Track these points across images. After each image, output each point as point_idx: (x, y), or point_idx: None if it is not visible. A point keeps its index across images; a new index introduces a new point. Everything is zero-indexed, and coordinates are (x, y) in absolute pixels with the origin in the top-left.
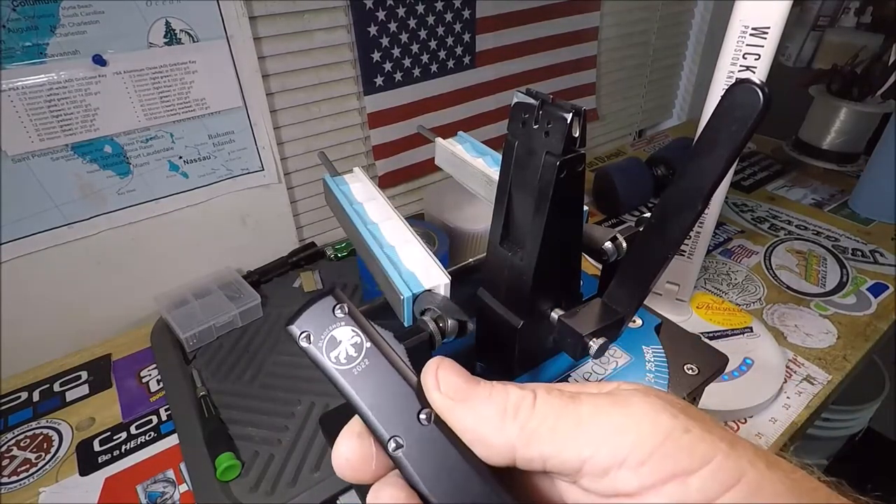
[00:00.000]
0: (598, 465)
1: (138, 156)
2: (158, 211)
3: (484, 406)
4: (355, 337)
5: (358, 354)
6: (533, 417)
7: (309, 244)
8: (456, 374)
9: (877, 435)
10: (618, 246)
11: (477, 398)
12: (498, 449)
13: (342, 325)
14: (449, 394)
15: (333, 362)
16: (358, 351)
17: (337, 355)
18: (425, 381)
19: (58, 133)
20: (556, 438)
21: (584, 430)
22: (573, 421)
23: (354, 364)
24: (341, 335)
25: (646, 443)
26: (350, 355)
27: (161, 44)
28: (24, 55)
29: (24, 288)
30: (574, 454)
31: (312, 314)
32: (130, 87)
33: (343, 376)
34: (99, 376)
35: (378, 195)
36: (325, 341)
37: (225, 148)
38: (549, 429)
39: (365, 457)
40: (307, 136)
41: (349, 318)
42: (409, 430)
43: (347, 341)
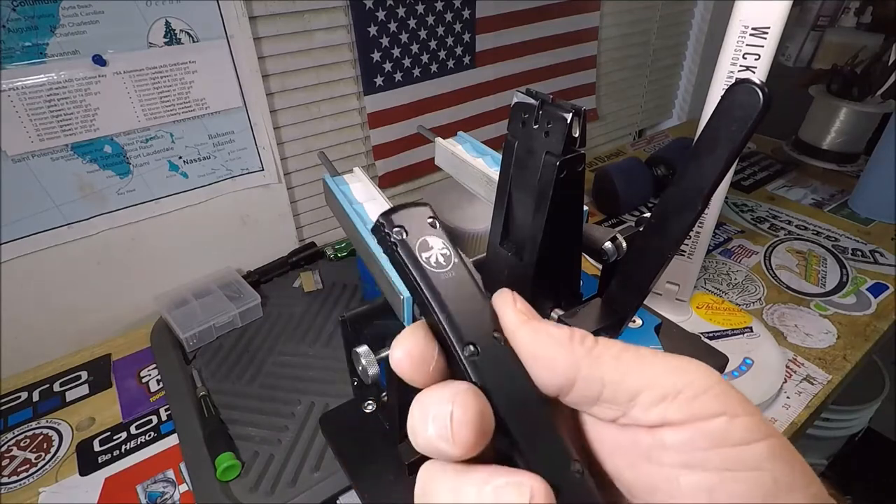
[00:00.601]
0: (654, 394)
1: (138, 156)
2: (158, 211)
3: (553, 329)
4: (445, 249)
5: (447, 264)
6: (598, 346)
7: (309, 244)
8: (526, 303)
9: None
10: (618, 246)
11: (547, 322)
12: (563, 368)
13: (436, 235)
14: (524, 311)
15: (424, 261)
16: (447, 261)
17: (428, 258)
18: (500, 300)
19: (58, 133)
20: (620, 366)
21: (646, 363)
22: (635, 355)
23: (443, 270)
24: (434, 242)
25: (700, 382)
26: (440, 262)
27: (161, 44)
28: (24, 55)
29: (24, 288)
30: (634, 381)
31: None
32: (130, 87)
33: (431, 276)
34: (99, 376)
35: (378, 195)
36: (418, 242)
37: (225, 148)
38: (613, 357)
39: (427, 357)
40: (307, 136)
41: (442, 231)
42: (485, 343)
43: (438, 249)
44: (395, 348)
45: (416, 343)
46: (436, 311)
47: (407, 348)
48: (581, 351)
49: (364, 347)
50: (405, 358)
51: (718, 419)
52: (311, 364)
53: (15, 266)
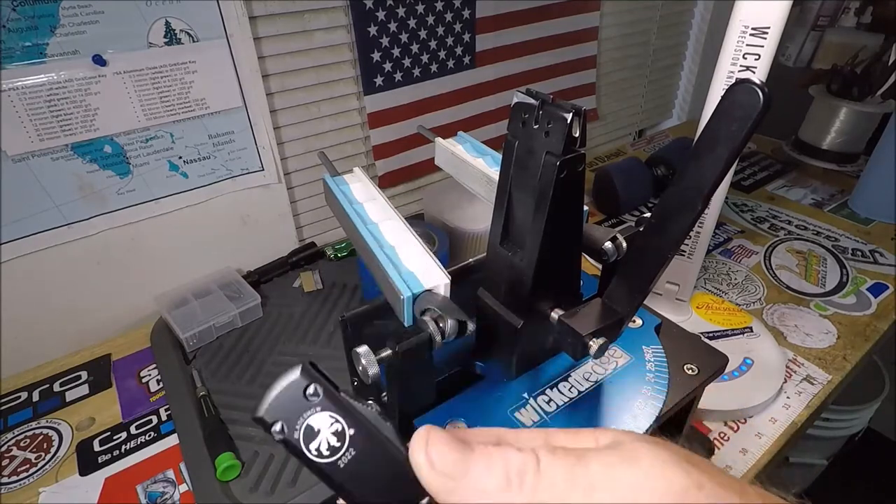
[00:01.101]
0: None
1: (138, 156)
2: (158, 211)
3: (485, 479)
4: (335, 423)
5: (341, 444)
6: (540, 486)
7: (309, 244)
8: (447, 446)
9: (877, 435)
10: (618, 246)
11: (475, 470)
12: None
13: (318, 410)
14: (445, 471)
15: (315, 455)
16: (341, 440)
17: (318, 447)
18: (415, 461)
19: (58, 133)
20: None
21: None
22: (585, 486)
23: (339, 456)
24: (319, 422)
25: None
26: (332, 446)
27: (161, 44)
28: (24, 55)
29: (24, 288)
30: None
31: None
32: (130, 87)
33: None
34: (99, 376)
35: (378, 195)
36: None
37: (225, 148)
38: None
39: None
40: (307, 136)
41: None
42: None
43: (327, 429)
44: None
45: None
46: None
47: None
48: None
49: (364, 347)
50: None
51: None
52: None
53: (15, 266)
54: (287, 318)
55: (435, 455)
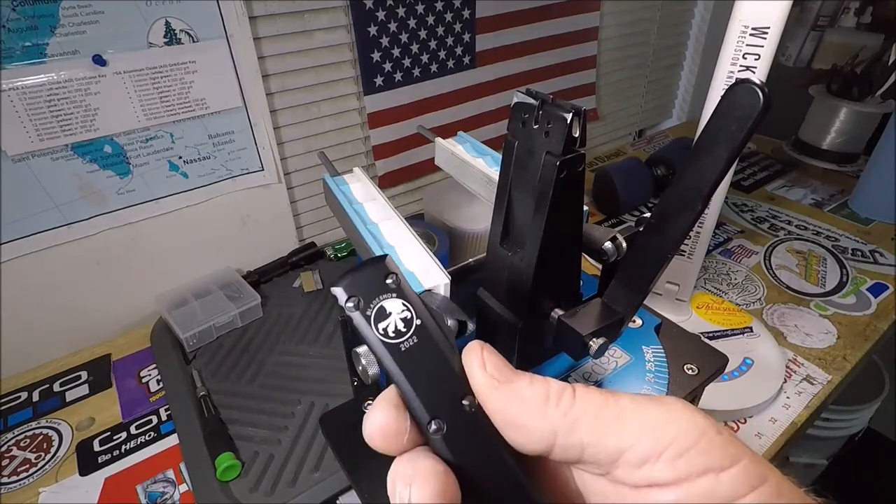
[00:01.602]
0: (636, 455)
1: (138, 156)
2: (158, 211)
3: (527, 390)
4: (405, 311)
5: (407, 330)
6: (575, 406)
7: (309, 244)
8: (498, 358)
9: (877, 435)
10: (618, 246)
11: (519, 382)
12: (539, 435)
13: (393, 296)
14: (494, 374)
15: (381, 334)
16: (407, 326)
17: (385, 327)
18: (468, 360)
19: (58, 133)
20: (598, 428)
21: (625, 422)
22: (614, 412)
23: (402, 339)
24: (392, 307)
25: (683, 438)
26: (399, 330)
27: (161, 44)
28: (24, 55)
29: (24, 288)
30: (614, 444)
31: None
32: (130, 87)
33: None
34: (99, 376)
35: (378, 195)
36: (374, 310)
37: (225, 148)
38: (591, 418)
39: (399, 429)
40: (307, 136)
41: (401, 290)
42: (451, 414)
43: (397, 314)
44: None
45: (387, 417)
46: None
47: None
48: (556, 415)
49: (364, 347)
50: (377, 433)
51: (705, 477)
52: (311, 364)
53: (15, 266)
54: (287, 318)
55: (488, 359)
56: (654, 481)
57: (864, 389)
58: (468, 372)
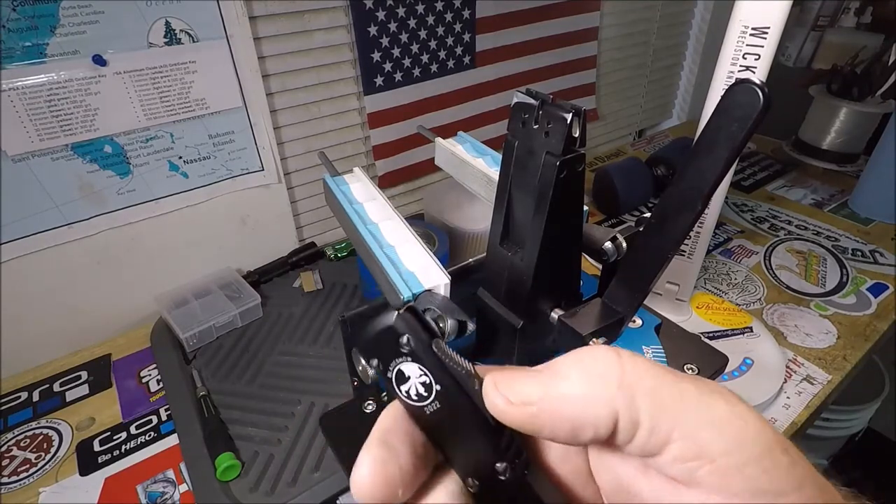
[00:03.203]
0: (690, 448)
1: (138, 156)
2: (158, 211)
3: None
4: (423, 376)
5: (428, 395)
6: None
7: (309, 244)
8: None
9: (877, 435)
10: (618, 246)
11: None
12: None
13: (409, 360)
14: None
15: (404, 396)
16: (428, 391)
17: (407, 391)
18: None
19: (58, 133)
20: (655, 405)
21: (687, 407)
22: (675, 392)
23: (426, 403)
24: (409, 370)
25: (748, 448)
26: (420, 394)
27: (161, 44)
28: (24, 55)
29: (24, 288)
30: (669, 426)
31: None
32: (130, 87)
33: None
34: (99, 376)
35: (378, 195)
36: (393, 373)
37: (225, 148)
38: (647, 391)
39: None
40: (307, 136)
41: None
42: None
43: (416, 379)
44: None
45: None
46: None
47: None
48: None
49: None
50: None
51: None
52: (311, 364)
53: (15, 266)
54: (287, 318)
55: (506, 391)
56: (697, 483)
57: (864, 389)
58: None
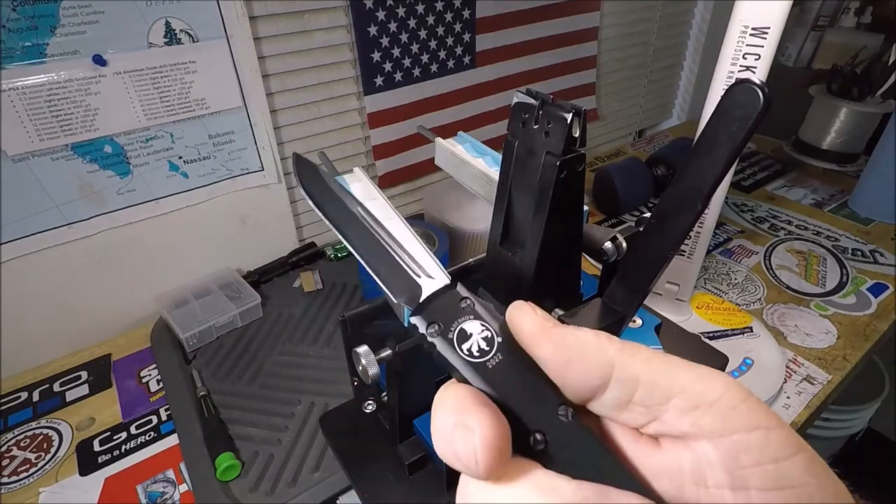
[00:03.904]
0: (688, 399)
1: (138, 156)
2: (158, 211)
3: (579, 331)
4: (485, 331)
5: (490, 348)
6: (626, 345)
7: (309, 244)
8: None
9: (877, 435)
10: (618, 246)
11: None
12: (599, 368)
13: (471, 318)
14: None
15: (465, 354)
16: (489, 345)
17: (469, 347)
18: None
19: (58, 133)
20: (652, 367)
21: (677, 368)
22: (665, 359)
23: (487, 358)
24: (471, 328)
25: (733, 393)
26: (482, 349)
27: (161, 44)
28: (24, 55)
29: (24, 288)
30: (667, 384)
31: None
32: (130, 87)
33: (476, 370)
34: (99, 376)
35: (378, 195)
36: (455, 333)
37: (225, 148)
38: (643, 358)
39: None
40: (307, 136)
41: (477, 311)
42: (550, 425)
43: (478, 335)
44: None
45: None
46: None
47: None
48: (612, 349)
49: (364, 347)
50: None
51: (756, 432)
52: (311, 364)
53: (15, 266)
54: (287, 318)
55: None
56: (702, 430)
57: (864, 389)
58: (517, 322)
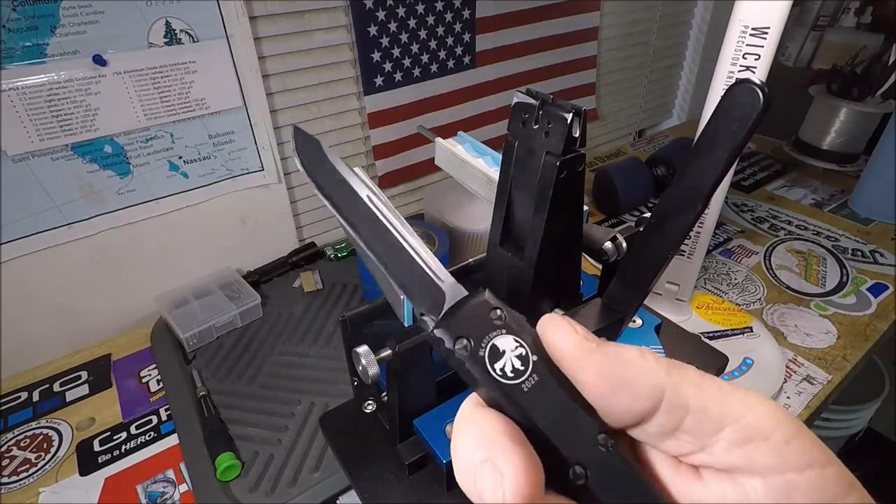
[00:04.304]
0: (742, 431)
1: (138, 156)
2: (158, 211)
3: (624, 351)
4: (519, 348)
5: (525, 368)
6: (673, 366)
7: (309, 244)
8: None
9: (877, 435)
10: (618, 246)
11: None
12: (648, 392)
13: (503, 332)
14: (586, 334)
15: (499, 375)
16: (524, 364)
17: (502, 367)
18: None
19: (58, 133)
20: (703, 394)
21: (728, 394)
22: (715, 384)
23: (523, 379)
24: (504, 344)
25: (786, 426)
26: (517, 369)
27: (161, 44)
28: (24, 55)
29: (24, 288)
30: (719, 412)
31: (468, 317)
32: (130, 87)
33: (511, 393)
34: (99, 376)
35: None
36: (486, 350)
37: (225, 148)
38: (693, 382)
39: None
40: None
41: (509, 325)
42: (591, 457)
43: (511, 352)
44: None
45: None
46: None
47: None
48: (661, 372)
49: (364, 347)
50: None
51: (810, 471)
52: (311, 364)
53: (15, 266)
54: (287, 318)
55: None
56: (755, 465)
57: (864, 389)
58: (553, 342)
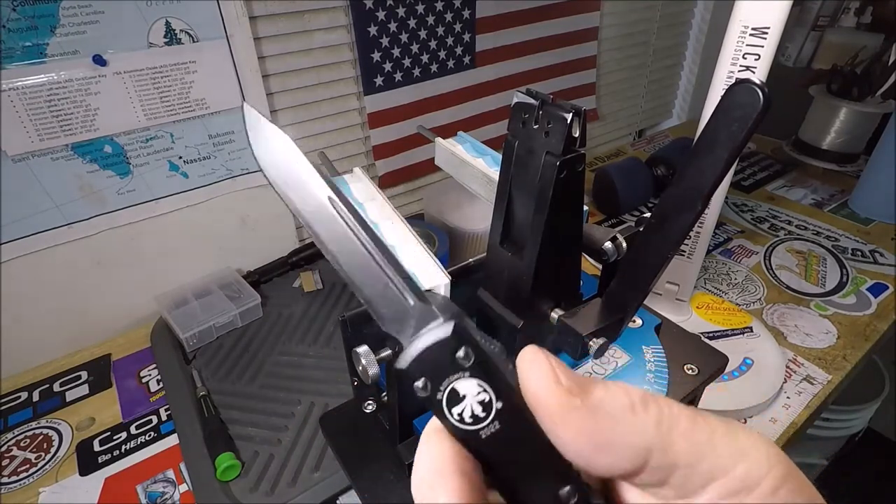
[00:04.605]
0: (730, 484)
1: (138, 156)
2: (158, 211)
3: (609, 402)
4: (482, 393)
5: (486, 414)
6: (663, 415)
7: (309, 244)
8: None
9: (877, 435)
10: (618, 246)
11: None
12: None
13: (466, 375)
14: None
15: (456, 420)
16: (486, 410)
17: (461, 413)
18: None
19: (58, 133)
20: (693, 447)
21: (719, 444)
22: (707, 431)
23: (482, 427)
24: (465, 388)
25: (776, 470)
26: (476, 415)
27: (161, 44)
28: (24, 55)
29: (24, 288)
30: (708, 468)
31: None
32: (130, 87)
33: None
34: (99, 376)
35: (378, 195)
36: (444, 394)
37: (225, 148)
38: (683, 433)
39: None
40: (307, 136)
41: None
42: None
43: (473, 397)
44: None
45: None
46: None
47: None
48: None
49: (364, 347)
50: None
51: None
52: (310, 364)
53: (15, 266)
54: (287, 318)
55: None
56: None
57: (864, 389)
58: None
